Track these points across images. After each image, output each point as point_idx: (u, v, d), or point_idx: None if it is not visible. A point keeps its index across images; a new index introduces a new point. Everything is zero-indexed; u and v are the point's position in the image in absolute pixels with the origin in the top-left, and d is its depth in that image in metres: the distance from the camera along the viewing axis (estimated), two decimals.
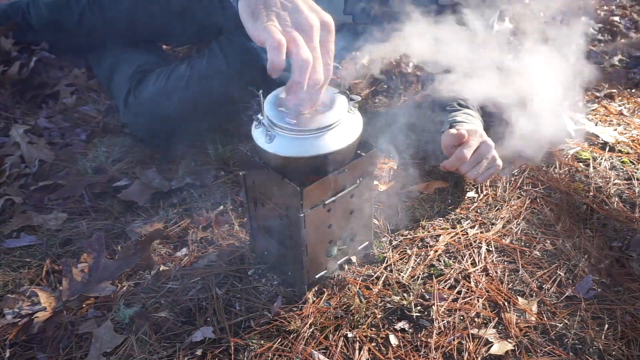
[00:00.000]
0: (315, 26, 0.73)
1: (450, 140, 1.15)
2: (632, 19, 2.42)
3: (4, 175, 1.29)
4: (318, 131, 0.80)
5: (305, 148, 0.80)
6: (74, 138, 1.49)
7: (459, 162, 1.13)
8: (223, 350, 0.86)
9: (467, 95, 1.32)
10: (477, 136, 1.16)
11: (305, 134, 0.80)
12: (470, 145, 1.13)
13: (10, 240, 1.12)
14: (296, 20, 0.73)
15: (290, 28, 0.71)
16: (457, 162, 1.13)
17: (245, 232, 1.11)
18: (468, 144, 1.14)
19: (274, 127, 0.81)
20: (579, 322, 0.90)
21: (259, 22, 0.72)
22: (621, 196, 1.20)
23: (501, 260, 1.04)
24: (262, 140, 0.82)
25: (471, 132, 1.16)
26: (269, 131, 0.81)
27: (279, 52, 0.69)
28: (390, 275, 0.99)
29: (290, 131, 0.80)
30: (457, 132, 1.13)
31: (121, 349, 0.87)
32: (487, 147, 1.15)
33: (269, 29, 0.70)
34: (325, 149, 0.80)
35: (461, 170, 1.15)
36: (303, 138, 0.80)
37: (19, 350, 0.88)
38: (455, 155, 1.13)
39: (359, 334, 0.88)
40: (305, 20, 0.73)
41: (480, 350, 0.85)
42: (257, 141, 0.83)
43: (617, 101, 1.64)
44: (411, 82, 1.74)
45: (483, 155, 1.14)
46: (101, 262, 1.00)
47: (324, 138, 0.80)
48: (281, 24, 0.72)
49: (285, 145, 0.81)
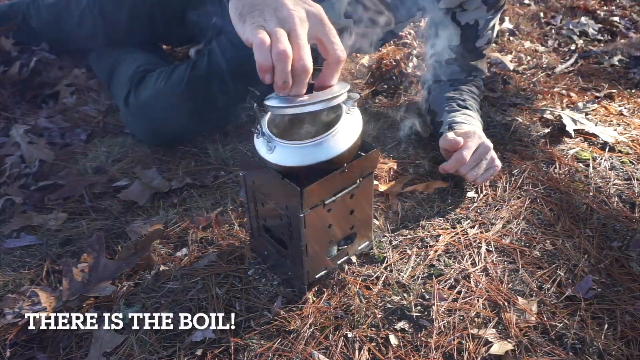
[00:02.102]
0: (298, 17, 0.73)
1: (446, 145, 1.16)
2: (632, 19, 2.42)
3: (4, 175, 1.29)
4: (317, 139, 0.81)
5: (306, 157, 0.81)
6: (74, 138, 1.49)
7: (458, 164, 1.14)
8: (223, 350, 0.86)
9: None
10: (475, 137, 1.16)
11: (304, 143, 0.81)
12: (468, 147, 1.14)
13: (10, 240, 1.12)
14: (279, 16, 0.73)
15: (274, 25, 0.72)
16: (456, 164, 1.15)
17: (245, 232, 1.11)
18: (466, 145, 1.15)
19: (273, 139, 0.82)
20: (579, 322, 0.90)
21: (247, 23, 0.73)
22: (621, 196, 1.20)
23: (501, 260, 1.04)
24: (264, 151, 0.83)
25: (469, 134, 1.17)
26: (269, 142, 0.82)
27: (262, 51, 0.70)
28: (390, 275, 0.99)
29: (290, 141, 0.81)
30: (452, 138, 1.15)
31: (121, 349, 0.87)
32: (485, 148, 1.15)
33: (254, 29, 0.71)
34: (327, 156, 0.81)
35: (460, 172, 1.16)
36: (303, 147, 0.81)
37: (19, 350, 0.88)
38: (455, 157, 1.14)
39: (359, 334, 0.88)
40: (288, 13, 0.73)
41: (480, 350, 0.85)
42: (259, 151, 0.84)
43: (617, 101, 1.64)
44: (411, 82, 1.74)
45: (482, 156, 1.15)
46: (101, 262, 1.00)
47: (324, 145, 0.81)
48: (266, 23, 0.72)
49: (286, 155, 0.81)
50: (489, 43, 1.39)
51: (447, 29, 1.37)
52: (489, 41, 1.39)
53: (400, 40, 2.13)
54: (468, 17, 1.34)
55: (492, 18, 1.35)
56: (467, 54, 1.38)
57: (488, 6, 1.32)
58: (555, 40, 2.20)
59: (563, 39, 2.21)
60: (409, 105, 1.59)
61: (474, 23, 1.34)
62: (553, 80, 1.82)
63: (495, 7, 1.33)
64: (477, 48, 1.38)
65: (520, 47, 2.11)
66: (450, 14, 1.35)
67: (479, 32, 1.35)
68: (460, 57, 1.39)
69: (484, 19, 1.34)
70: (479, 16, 1.33)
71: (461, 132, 1.18)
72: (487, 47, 1.40)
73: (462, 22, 1.34)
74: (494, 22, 1.37)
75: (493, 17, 1.35)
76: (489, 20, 1.34)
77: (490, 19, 1.34)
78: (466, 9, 1.33)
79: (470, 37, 1.36)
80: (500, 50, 2.09)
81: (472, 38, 1.36)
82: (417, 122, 1.42)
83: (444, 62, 1.40)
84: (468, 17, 1.34)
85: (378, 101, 1.66)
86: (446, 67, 1.40)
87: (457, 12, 1.34)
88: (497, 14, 1.36)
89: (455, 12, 1.35)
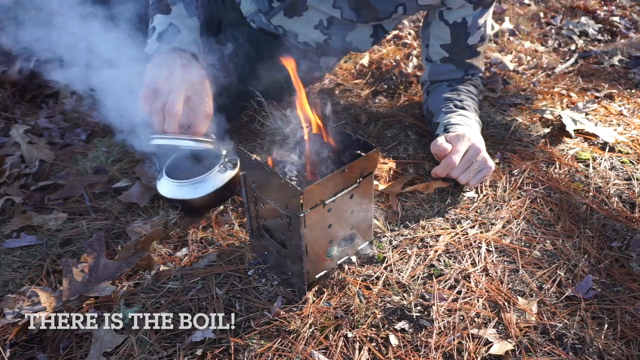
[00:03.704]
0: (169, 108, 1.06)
1: (435, 150, 1.18)
2: (632, 19, 2.42)
3: (4, 175, 1.29)
4: (181, 182, 1.12)
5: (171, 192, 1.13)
6: (74, 138, 1.49)
7: (448, 168, 1.15)
8: (223, 350, 0.86)
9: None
10: (464, 140, 1.16)
11: (172, 181, 1.13)
12: (457, 150, 1.15)
13: (10, 240, 1.12)
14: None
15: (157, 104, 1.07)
16: (446, 168, 1.16)
17: (245, 232, 1.11)
18: (455, 149, 1.15)
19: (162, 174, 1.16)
20: (579, 322, 0.90)
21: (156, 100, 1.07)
22: (621, 196, 1.20)
23: (501, 260, 1.04)
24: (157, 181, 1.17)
25: (458, 138, 1.17)
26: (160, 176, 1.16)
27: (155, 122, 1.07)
28: (390, 275, 0.99)
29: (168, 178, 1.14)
30: (440, 144, 1.16)
31: (121, 349, 0.87)
32: (475, 151, 1.16)
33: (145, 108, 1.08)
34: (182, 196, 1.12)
35: (452, 175, 1.17)
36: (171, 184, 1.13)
37: (19, 350, 0.88)
38: (444, 162, 1.16)
39: (359, 334, 0.88)
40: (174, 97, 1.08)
41: (480, 350, 0.85)
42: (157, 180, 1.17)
43: (617, 101, 1.64)
44: (411, 82, 1.74)
45: (472, 158, 1.15)
46: (101, 262, 1.00)
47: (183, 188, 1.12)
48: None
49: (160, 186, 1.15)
50: (482, 40, 1.38)
51: (437, 28, 1.37)
52: (482, 38, 1.37)
53: (401, 40, 2.13)
54: (455, 16, 1.33)
55: (481, 15, 1.34)
56: (460, 52, 1.38)
57: (474, 4, 1.31)
58: (555, 40, 2.20)
59: (563, 39, 2.21)
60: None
61: (462, 21, 1.33)
62: (553, 80, 1.82)
63: (483, 4, 1.32)
64: (470, 46, 1.37)
65: (520, 47, 2.11)
66: (437, 12, 1.35)
67: (468, 29, 1.34)
68: (454, 56, 1.38)
69: (471, 17, 1.33)
70: (466, 14, 1.32)
71: (451, 136, 1.18)
72: (481, 45, 1.38)
73: (449, 21, 1.34)
74: (484, 19, 1.35)
75: (481, 14, 1.34)
76: (477, 17, 1.33)
77: (479, 16, 1.33)
78: (450, 7, 1.33)
79: (460, 35, 1.35)
80: (500, 50, 2.09)
81: (463, 36, 1.35)
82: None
83: (439, 61, 1.40)
84: (455, 15, 1.33)
85: (378, 101, 1.66)
86: (442, 66, 1.40)
87: (444, 11, 1.34)
88: (485, 10, 1.34)
89: (442, 11, 1.34)
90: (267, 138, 1.40)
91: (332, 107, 1.62)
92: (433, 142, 1.19)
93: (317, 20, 1.39)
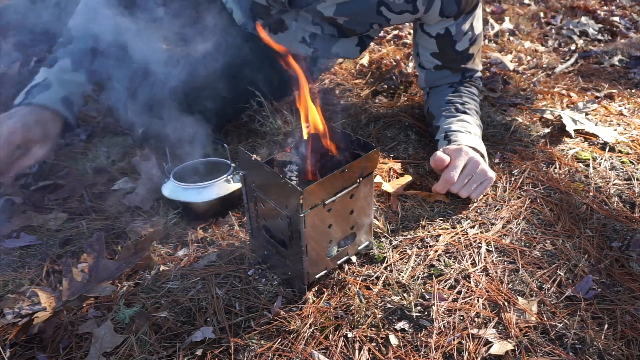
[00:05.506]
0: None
1: (433, 164, 1.17)
2: (632, 19, 2.42)
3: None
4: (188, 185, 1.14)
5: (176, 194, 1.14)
6: (74, 138, 1.49)
7: (448, 184, 1.14)
8: (223, 350, 0.86)
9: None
10: (462, 155, 1.15)
11: (178, 184, 1.14)
12: (456, 166, 1.14)
13: (10, 240, 1.12)
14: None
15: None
16: (446, 184, 1.15)
17: (245, 232, 1.11)
18: (453, 164, 1.14)
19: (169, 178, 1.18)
20: (579, 322, 0.90)
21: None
22: (621, 196, 1.20)
23: (501, 260, 1.04)
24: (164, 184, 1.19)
25: (455, 152, 1.15)
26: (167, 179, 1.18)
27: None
28: (390, 275, 0.99)
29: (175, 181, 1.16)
30: (438, 158, 1.14)
31: (121, 349, 0.87)
32: (474, 164, 1.14)
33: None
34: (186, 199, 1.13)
35: (452, 190, 1.16)
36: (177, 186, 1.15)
37: (19, 350, 0.88)
38: (443, 178, 1.14)
39: (359, 334, 0.88)
40: None
41: (480, 350, 0.85)
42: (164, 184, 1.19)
43: (617, 101, 1.64)
44: (411, 82, 1.74)
45: (471, 172, 1.14)
46: (101, 262, 1.00)
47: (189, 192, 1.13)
48: None
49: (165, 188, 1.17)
50: (473, 43, 1.34)
51: (423, 39, 1.34)
52: (471, 41, 1.33)
53: (401, 40, 2.13)
54: (436, 28, 1.30)
55: (464, 21, 1.29)
56: (452, 60, 1.35)
57: (453, 17, 1.27)
58: (555, 40, 2.20)
59: (563, 39, 2.21)
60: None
61: (445, 31, 1.30)
62: (553, 80, 1.82)
63: (465, 12, 1.27)
64: (461, 52, 1.34)
65: (520, 47, 2.11)
66: (418, 24, 1.33)
67: (454, 37, 1.30)
68: (446, 63, 1.36)
69: (454, 26, 1.29)
70: (448, 24, 1.29)
71: (450, 150, 1.16)
72: (472, 47, 1.34)
73: (432, 33, 1.31)
74: (469, 24, 1.30)
75: (465, 21, 1.29)
76: (460, 25, 1.29)
77: (462, 23, 1.29)
78: (429, 24, 1.30)
79: (447, 44, 1.32)
80: (500, 50, 2.09)
81: (450, 45, 1.32)
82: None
83: (433, 69, 1.38)
84: (435, 28, 1.30)
85: (378, 101, 1.66)
86: (436, 73, 1.38)
87: (424, 25, 1.31)
88: (469, 16, 1.29)
89: (422, 24, 1.32)
90: (267, 138, 1.40)
91: (332, 107, 1.63)
92: (432, 156, 1.17)
93: (300, 37, 1.40)
